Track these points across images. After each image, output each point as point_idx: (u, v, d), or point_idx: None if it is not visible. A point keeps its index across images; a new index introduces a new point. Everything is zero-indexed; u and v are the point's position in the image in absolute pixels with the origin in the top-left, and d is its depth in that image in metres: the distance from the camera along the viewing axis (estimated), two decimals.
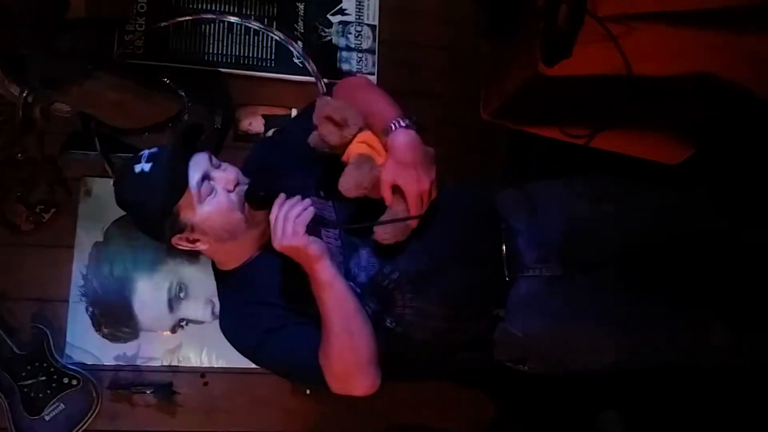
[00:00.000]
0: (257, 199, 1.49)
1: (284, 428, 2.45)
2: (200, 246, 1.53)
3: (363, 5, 2.62)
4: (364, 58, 2.60)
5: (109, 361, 2.38)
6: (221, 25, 2.51)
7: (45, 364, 2.28)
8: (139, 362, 2.39)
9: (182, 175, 1.45)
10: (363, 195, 1.49)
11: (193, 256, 1.64)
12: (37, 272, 2.38)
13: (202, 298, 2.42)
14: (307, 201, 1.44)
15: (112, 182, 2.33)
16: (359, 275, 1.55)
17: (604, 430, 2.34)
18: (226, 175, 1.51)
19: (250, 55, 2.53)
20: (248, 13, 2.53)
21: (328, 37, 2.60)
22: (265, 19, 2.54)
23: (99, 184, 2.42)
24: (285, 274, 1.53)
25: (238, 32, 2.52)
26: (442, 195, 1.55)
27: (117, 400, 2.36)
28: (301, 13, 2.57)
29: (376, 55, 2.62)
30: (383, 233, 1.51)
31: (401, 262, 1.56)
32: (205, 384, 2.43)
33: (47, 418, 2.26)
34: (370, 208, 1.54)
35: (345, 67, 2.60)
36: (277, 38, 2.52)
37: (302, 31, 2.57)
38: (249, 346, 1.56)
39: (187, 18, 2.47)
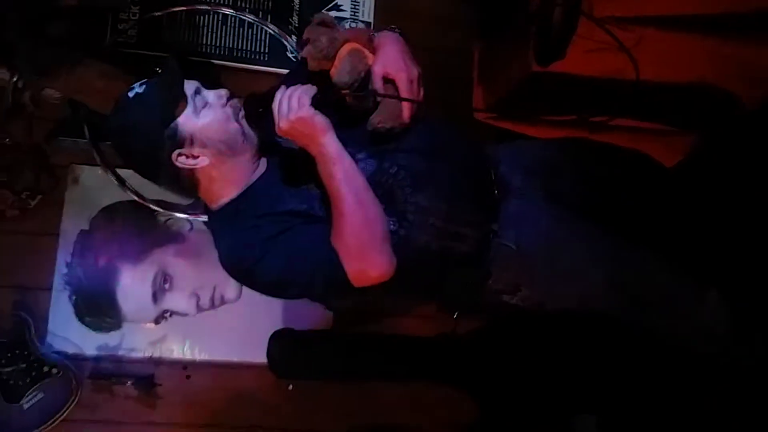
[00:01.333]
0: (255, 112, 1.53)
1: (265, 423, 2.43)
2: (201, 162, 1.53)
3: (358, 2, 2.62)
4: None
5: (90, 350, 2.36)
6: (216, 16, 2.50)
7: (26, 352, 2.25)
8: (121, 353, 2.37)
9: (180, 82, 1.51)
10: (355, 82, 1.55)
11: (188, 192, 1.61)
12: (20, 259, 2.35)
13: (186, 290, 2.41)
14: (309, 84, 1.46)
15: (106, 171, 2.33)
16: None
17: None
18: (218, 92, 1.55)
19: (244, 47, 2.52)
20: (243, 5, 2.53)
21: None
22: (260, 12, 2.53)
23: (87, 171, 2.40)
24: (285, 183, 1.56)
25: (233, 24, 2.52)
26: (429, 120, 1.64)
27: (97, 391, 2.34)
28: (297, 7, 2.57)
29: None
30: (379, 119, 1.55)
31: (399, 159, 1.59)
32: (188, 377, 2.41)
33: (25, 406, 2.23)
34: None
35: None
36: (272, 32, 2.51)
37: (297, 25, 2.56)
38: (249, 259, 1.51)
39: (182, 8, 2.46)
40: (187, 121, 1.50)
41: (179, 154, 1.51)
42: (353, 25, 2.61)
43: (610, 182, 1.77)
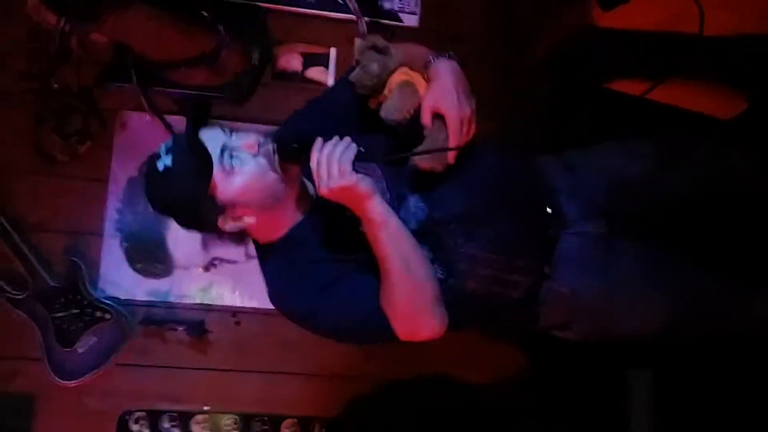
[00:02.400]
0: (290, 150, 1.43)
1: (313, 371, 2.45)
2: (247, 220, 1.49)
3: None
4: None
5: (142, 296, 2.38)
6: None
7: (78, 297, 2.29)
8: (172, 299, 2.39)
9: (204, 156, 1.41)
10: (405, 120, 1.48)
11: (240, 239, 1.59)
12: (71, 204, 2.36)
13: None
14: (347, 138, 1.38)
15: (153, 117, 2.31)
16: (409, 222, 1.50)
17: (632, 388, 2.32)
18: (246, 140, 1.47)
19: None
20: None
21: None
22: None
23: (135, 117, 2.38)
24: (333, 229, 1.51)
25: None
26: (483, 146, 1.54)
27: (149, 336, 2.37)
28: None
29: None
30: (422, 160, 1.48)
31: (450, 206, 1.54)
32: (237, 323, 2.43)
33: (80, 350, 2.28)
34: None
35: (387, 5, 2.50)
36: None
37: None
38: (303, 308, 1.52)
39: None
40: (223, 189, 1.44)
41: (225, 220, 1.48)
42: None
43: (680, 196, 1.71)
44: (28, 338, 2.26)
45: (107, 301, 2.31)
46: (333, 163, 1.34)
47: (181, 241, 2.39)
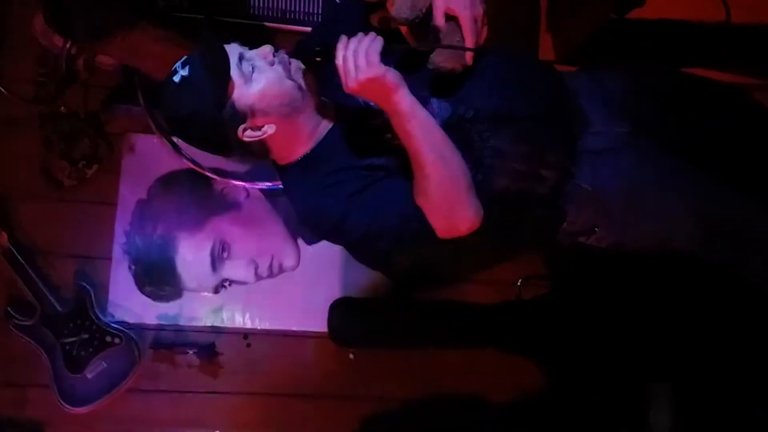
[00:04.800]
0: (312, 53, 1.41)
1: (327, 391, 2.42)
2: (268, 130, 1.47)
3: None
4: None
5: (151, 320, 2.36)
6: None
7: (87, 322, 2.26)
8: (181, 322, 2.37)
9: (222, 61, 1.42)
10: (417, 18, 1.46)
11: (263, 155, 1.54)
12: (79, 229, 2.35)
13: (245, 258, 2.38)
14: (372, 33, 1.36)
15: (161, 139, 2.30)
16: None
17: (652, 403, 2.27)
18: (261, 50, 1.48)
19: (296, 9, 2.45)
20: None
21: None
22: None
23: (142, 139, 2.37)
24: (359, 141, 1.50)
25: None
26: (499, 48, 1.55)
27: (160, 360, 2.35)
28: None
29: None
30: (440, 59, 1.46)
31: (474, 101, 1.52)
32: (248, 345, 2.40)
33: (89, 375, 2.25)
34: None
35: None
36: None
37: None
38: (335, 215, 1.47)
39: None
40: (241, 95, 1.44)
41: (244, 129, 1.47)
42: None
43: (702, 112, 1.67)
44: (37, 365, 2.24)
45: (116, 326, 2.29)
46: (360, 55, 1.32)
47: (190, 263, 2.36)
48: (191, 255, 2.36)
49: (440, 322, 2.43)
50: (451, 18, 1.45)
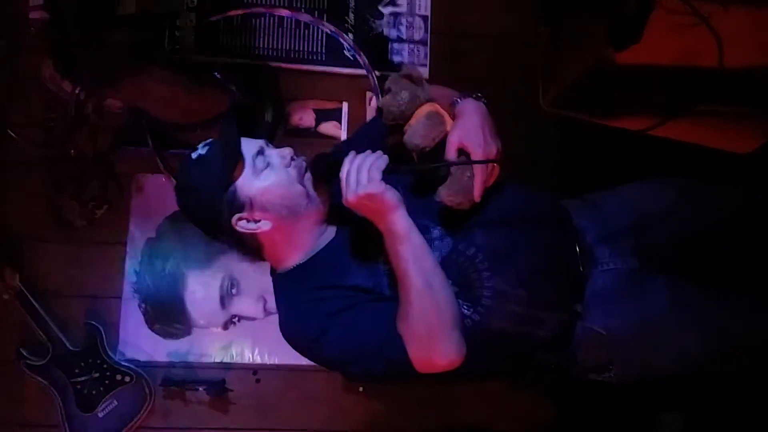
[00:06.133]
0: (324, 164, 1.44)
1: (336, 426, 2.42)
2: (263, 226, 1.45)
3: None
4: (415, 50, 2.55)
5: (161, 357, 2.37)
6: (272, 19, 2.49)
7: (98, 361, 2.28)
8: (191, 359, 2.38)
9: (235, 145, 1.44)
10: (428, 147, 1.47)
11: (252, 254, 1.53)
12: (90, 269, 2.38)
13: (254, 294, 2.40)
14: (379, 151, 1.37)
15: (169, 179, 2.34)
16: (433, 254, 1.46)
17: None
18: (281, 151, 1.48)
19: (301, 48, 2.50)
20: (298, 6, 2.50)
21: (379, 29, 2.56)
22: (316, 12, 2.50)
23: (151, 180, 2.41)
24: (356, 256, 1.48)
25: (289, 26, 2.50)
26: (507, 185, 1.53)
27: (170, 397, 2.35)
28: (352, 5, 2.54)
29: (428, 47, 2.57)
30: (448, 193, 1.45)
31: (476, 239, 1.50)
32: (258, 381, 2.41)
33: (100, 414, 2.26)
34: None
35: (396, 58, 2.55)
36: (328, 31, 2.48)
37: (353, 23, 2.53)
38: (311, 331, 1.43)
39: (238, 12, 2.45)
40: (245, 184, 1.43)
41: (239, 219, 1.45)
42: (410, 20, 2.56)
43: (711, 229, 1.67)
44: (49, 405, 2.25)
45: (127, 364, 2.31)
46: (363, 170, 1.33)
47: (200, 300, 2.39)
48: (200, 292, 2.39)
49: None
50: (463, 153, 1.44)
